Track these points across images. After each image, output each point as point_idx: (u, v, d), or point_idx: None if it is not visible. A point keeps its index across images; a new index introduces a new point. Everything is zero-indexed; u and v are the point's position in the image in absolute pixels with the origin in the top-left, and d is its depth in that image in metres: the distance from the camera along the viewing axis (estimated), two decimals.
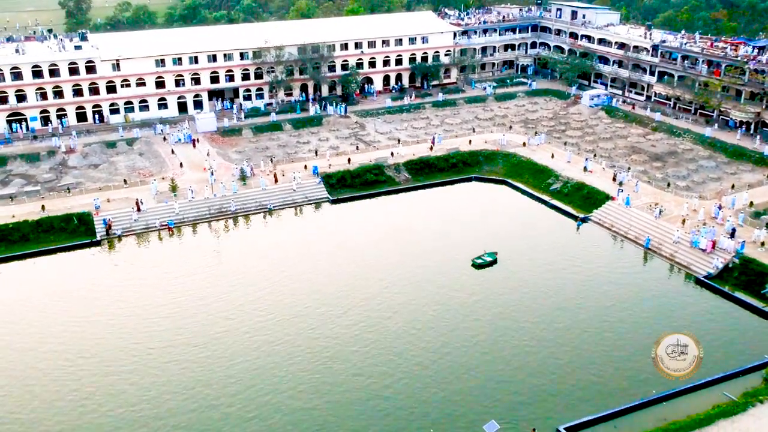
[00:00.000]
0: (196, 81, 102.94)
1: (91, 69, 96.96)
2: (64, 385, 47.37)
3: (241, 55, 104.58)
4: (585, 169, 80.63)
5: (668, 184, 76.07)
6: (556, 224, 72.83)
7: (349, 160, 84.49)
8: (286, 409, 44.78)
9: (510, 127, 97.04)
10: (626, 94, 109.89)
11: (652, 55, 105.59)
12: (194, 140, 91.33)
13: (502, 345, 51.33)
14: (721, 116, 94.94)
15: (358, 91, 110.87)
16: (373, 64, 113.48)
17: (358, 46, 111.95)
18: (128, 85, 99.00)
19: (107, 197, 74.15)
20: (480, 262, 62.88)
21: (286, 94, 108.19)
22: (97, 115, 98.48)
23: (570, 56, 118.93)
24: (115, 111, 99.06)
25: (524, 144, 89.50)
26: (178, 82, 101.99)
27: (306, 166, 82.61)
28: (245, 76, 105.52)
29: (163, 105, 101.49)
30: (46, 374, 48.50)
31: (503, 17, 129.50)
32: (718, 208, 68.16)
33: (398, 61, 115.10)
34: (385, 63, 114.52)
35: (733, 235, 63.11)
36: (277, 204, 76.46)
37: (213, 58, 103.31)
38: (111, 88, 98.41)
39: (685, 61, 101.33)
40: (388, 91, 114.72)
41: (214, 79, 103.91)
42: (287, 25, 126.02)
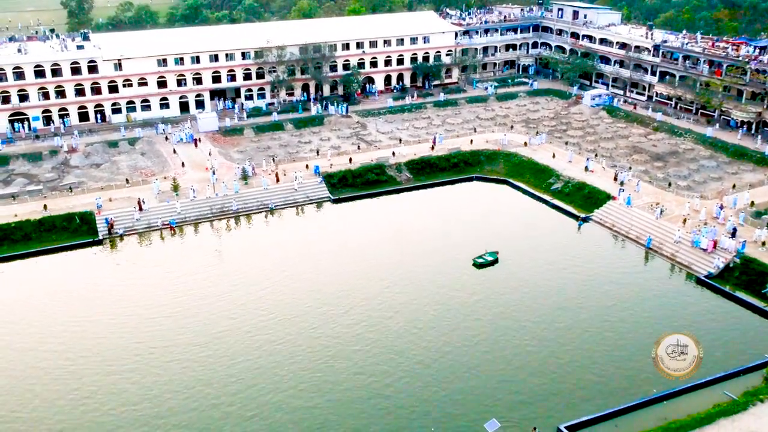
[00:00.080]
0: (198, 81, 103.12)
1: (93, 69, 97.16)
2: (66, 384, 47.52)
3: (243, 55, 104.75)
4: (586, 168, 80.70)
5: (669, 184, 76.14)
6: (557, 224, 72.92)
7: (351, 159, 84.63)
8: (288, 408, 44.90)
9: (511, 127, 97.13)
10: (627, 94, 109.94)
11: (654, 55, 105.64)
12: (196, 140, 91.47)
13: (503, 344, 51.44)
14: (722, 116, 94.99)
15: (359, 91, 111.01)
16: (374, 64, 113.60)
17: (359, 45, 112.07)
18: (130, 85, 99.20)
19: (109, 197, 74.34)
20: (481, 261, 62.98)
21: (288, 94, 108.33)
22: (99, 115, 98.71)
23: (571, 56, 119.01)
24: (117, 111, 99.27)
25: (525, 144, 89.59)
26: (180, 82, 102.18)
27: (307, 166, 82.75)
28: (247, 76, 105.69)
29: (165, 105, 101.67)
30: (48, 373, 48.64)
31: (504, 17, 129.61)
32: (720, 208, 68.22)
33: (400, 61, 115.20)
34: (387, 63, 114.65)
35: (734, 235, 63.18)
36: (278, 203, 76.62)
37: (215, 58, 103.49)
38: (113, 88, 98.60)
39: (687, 61, 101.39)
40: (390, 90, 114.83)
41: (216, 79, 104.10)
42: (289, 25, 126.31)
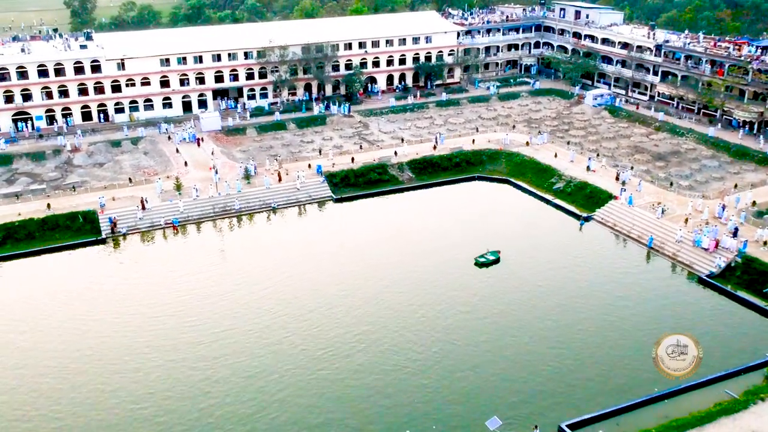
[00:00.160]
0: (201, 80, 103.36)
1: (96, 68, 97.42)
2: (69, 383, 47.71)
3: (246, 55, 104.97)
4: (588, 168, 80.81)
5: (671, 184, 76.25)
6: (559, 223, 73.06)
7: (353, 159, 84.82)
8: (290, 406, 45.08)
9: (513, 127, 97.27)
10: (629, 93, 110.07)
11: (656, 55, 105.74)
12: (199, 139, 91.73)
13: (505, 343, 51.60)
14: (724, 116, 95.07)
15: (361, 91, 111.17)
16: (376, 64, 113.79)
17: (361, 45, 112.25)
18: (133, 85, 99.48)
19: (112, 196, 74.60)
20: (483, 260, 63.13)
21: (290, 94, 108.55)
22: (102, 114, 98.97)
23: (573, 56, 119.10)
24: (120, 110, 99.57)
25: (527, 143, 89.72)
26: (183, 82, 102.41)
27: (310, 165, 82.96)
28: (249, 76, 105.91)
29: (167, 104, 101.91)
30: (51, 372, 48.82)
31: (507, 17, 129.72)
32: (722, 208, 68.31)
33: (402, 61, 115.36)
34: (389, 62, 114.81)
35: (735, 235, 63.27)
36: (281, 203, 76.83)
37: (217, 58, 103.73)
38: (116, 88, 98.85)
39: (689, 61, 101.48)
40: (392, 90, 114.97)
41: (219, 79, 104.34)
42: (291, 25, 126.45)
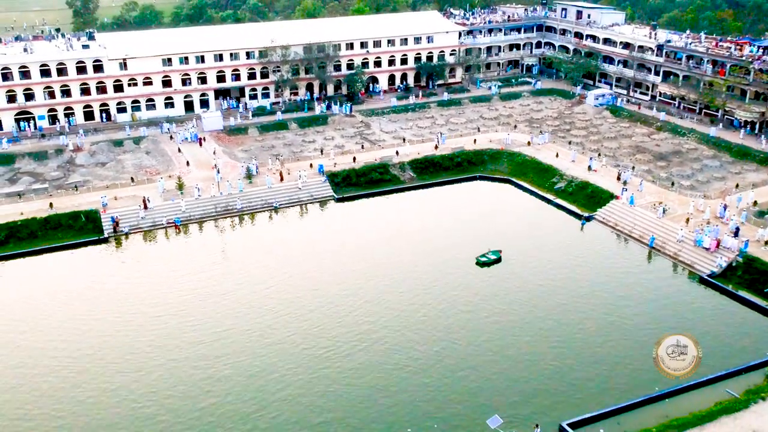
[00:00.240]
0: (203, 80, 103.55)
1: (98, 68, 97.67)
2: (71, 382, 47.83)
3: (248, 55, 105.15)
4: (589, 168, 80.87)
5: (672, 184, 76.30)
6: (561, 223, 73.12)
7: (355, 158, 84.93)
8: (292, 405, 45.19)
9: (515, 127, 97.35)
10: (631, 93, 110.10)
11: (657, 55, 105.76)
12: (201, 139, 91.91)
13: (506, 342, 51.69)
14: (725, 116, 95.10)
15: (363, 91, 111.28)
16: (378, 64, 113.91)
17: (363, 45, 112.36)
18: (135, 84, 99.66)
19: (114, 195, 74.76)
20: (484, 260, 63.22)
21: (292, 93, 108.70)
22: (104, 114, 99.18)
23: (575, 56, 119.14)
24: (122, 110, 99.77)
25: (529, 143, 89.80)
26: (185, 81, 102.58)
27: (311, 165, 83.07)
28: (251, 76, 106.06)
29: (169, 104, 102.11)
30: (53, 371, 48.96)
31: (508, 17, 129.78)
32: (724, 207, 68.32)
33: (403, 61, 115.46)
34: (391, 62, 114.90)
35: (736, 234, 63.31)
36: (282, 202, 76.96)
37: (219, 58, 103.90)
38: (118, 87, 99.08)
39: (690, 61, 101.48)
40: (394, 90, 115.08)
41: (221, 78, 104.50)
42: (293, 25, 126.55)
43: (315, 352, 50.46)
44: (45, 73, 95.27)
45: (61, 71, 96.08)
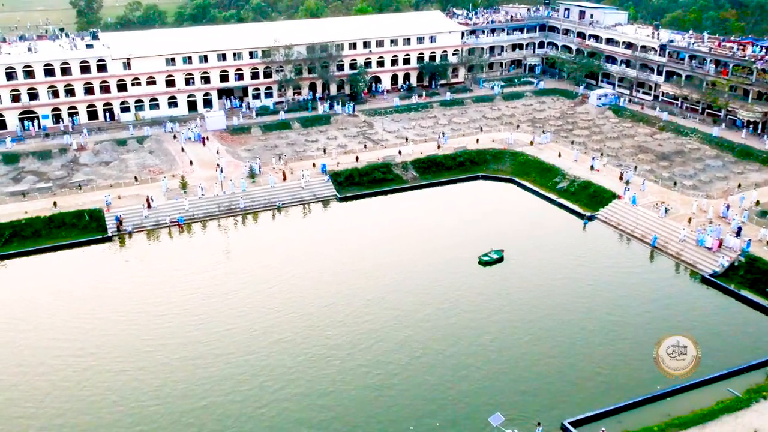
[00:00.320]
0: (206, 80, 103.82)
1: (102, 67, 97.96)
2: (74, 381, 48.01)
3: (251, 54, 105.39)
4: (592, 167, 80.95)
5: (675, 183, 76.35)
6: (563, 222, 73.22)
7: (357, 158, 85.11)
8: (295, 404, 45.38)
9: (517, 126, 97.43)
10: (634, 93, 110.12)
11: (660, 55, 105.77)
12: (204, 138, 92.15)
13: (508, 340, 51.83)
14: (728, 116, 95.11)
15: (366, 90, 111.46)
16: (381, 64, 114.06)
17: (366, 45, 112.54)
18: (139, 84, 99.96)
19: (118, 194, 75.04)
20: (486, 259, 63.37)
21: (295, 93, 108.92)
22: (108, 113, 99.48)
23: (578, 56, 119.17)
24: (125, 109, 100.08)
25: (531, 143, 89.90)
26: (188, 81, 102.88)
27: (314, 164, 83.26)
28: (254, 75, 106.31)
29: (173, 103, 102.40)
30: (57, 370, 49.14)
31: (511, 17, 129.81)
32: (727, 207, 68.35)
33: (406, 61, 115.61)
34: (394, 62, 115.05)
35: (739, 234, 63.37)
36: (285, 201, 77.18)
37: (222, 57, 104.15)
38: (122, 87, 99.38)
39: (693, 61, 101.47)
40: (396, 90, 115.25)
41: (224, 78, 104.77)
42: (296, 25, 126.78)
43: (317, 351, 50.64)
44: (49, 72, 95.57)
45: (65, 71, 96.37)
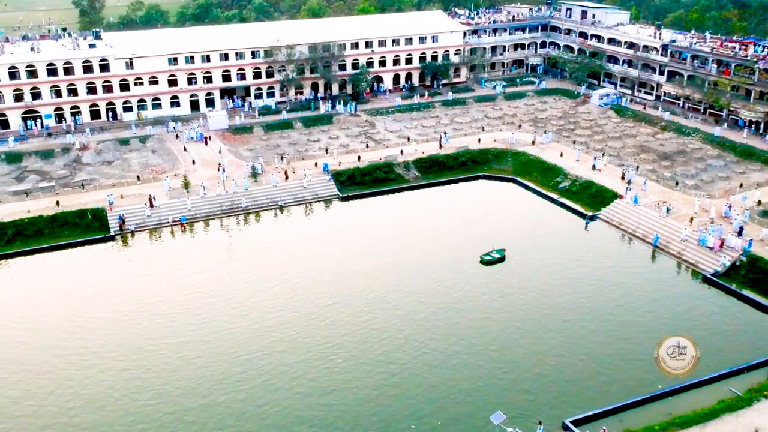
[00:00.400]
0: (208, 79, 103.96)
1: (104, 67, 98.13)
2: (76, 380, 48.16)
3: (253, 54, 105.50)
4: (594, 167, 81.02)
5: (676, 183, 76.39)
6: (565, 222, 73.29)
7: (359, 157, 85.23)
8: (297, 402, 45.53)
9: (519, 126, 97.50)
10: (635, 93, 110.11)
11: (662, 55, 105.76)
12: (206, 138, 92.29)
13: (510, 339, 51.95)
14: (730, 116, 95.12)
15: (368, 90, 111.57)
16: (383, 63, 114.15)
17: (368, 45, 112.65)
18: (141, 83, 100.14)
19: (121, 193, 75.23)
20: (488, 258, 63.47)
21: (297, 93, 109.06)
22: (110, 113, 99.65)
23: (579, 56, 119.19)
24: (128, 109, 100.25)
25: (533, 142, 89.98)
26: (191, 81, 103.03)
27: (316, 164, 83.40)
28: (257, 75, 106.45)
29: (175, 103, 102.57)
30: (58, 369, 49.27)
31: (513, 17, 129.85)
32: (729, 207, 68.37)
33: (408, 60, 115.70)
34: (396, 62, 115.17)
35: (740, 234, 63.42)
36: (287, 201, 77.32)
37: (225, 57, 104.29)
38: (124, 86, 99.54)
39: (695, 61, 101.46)
40: (398, 89, 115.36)
41: (226, 78, 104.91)
42: (298, 25, 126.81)
43: (319, 350, 50.76)
44: (52, 72, 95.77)
45: (68, 70, 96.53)
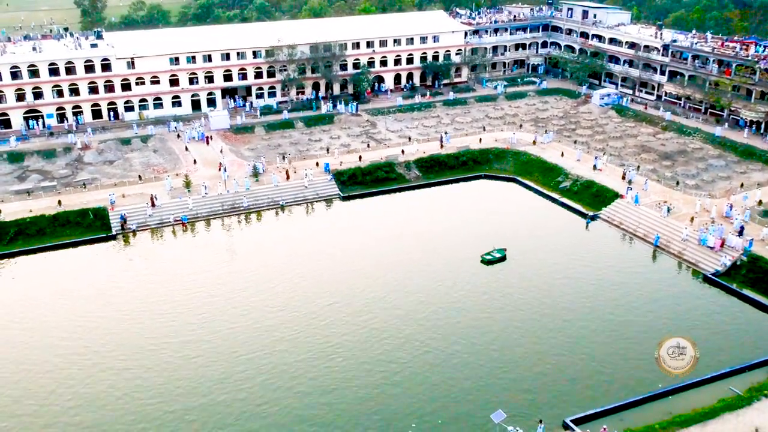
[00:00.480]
0: (210, 79, 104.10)
1: (106, 67, 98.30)
2: (78, 379, 48.24)
3: (254, 54, 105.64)
4: (594, 167, 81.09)
5: (677, 183, 76.45)
6: (566, 221, 73.36)
7: (360, 157, 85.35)
8: (299, 402, 45.60)
9: (520, 126, 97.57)
10: (636, 93, 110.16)
11: (663, 55, 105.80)
12: (207, 137, 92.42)
13: (511, 338, 52.03)
14: (731, 116, 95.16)
15: (369, 90, 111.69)
16: (384, 63, 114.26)
17: (369, 45, 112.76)
18: (143, 83, 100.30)
19: (122, 193, 75.36)
20: (489, 258, 63.56)
21: (299, 92, 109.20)
22: (112, 113, 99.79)
23: (581, 55, 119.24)
24: (129, 108, 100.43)
25: (534, 142, 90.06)
26: (192, 80, 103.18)
27: (318, 164, 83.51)
28: (258, 75, 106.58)
29: (177, 103, 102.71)
30: (60, 368, 49.35)
31: (514, 17, 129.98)
32: (730, 207, 68.40)
33: (409, 60, 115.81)
34: (397, 62, 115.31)
35: (741, 233, 63.48)
36: (288, 200, 77.43)
37: (226, 57, 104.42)
38: (126, 86, 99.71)
39: (696, 61, 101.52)
40: (400, 89, 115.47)
41: (228, 78, 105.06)
42: (299, 24, 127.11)
43: (320, 349, 50.84)
44: (54, 71, 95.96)
45: (70, 70, 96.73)
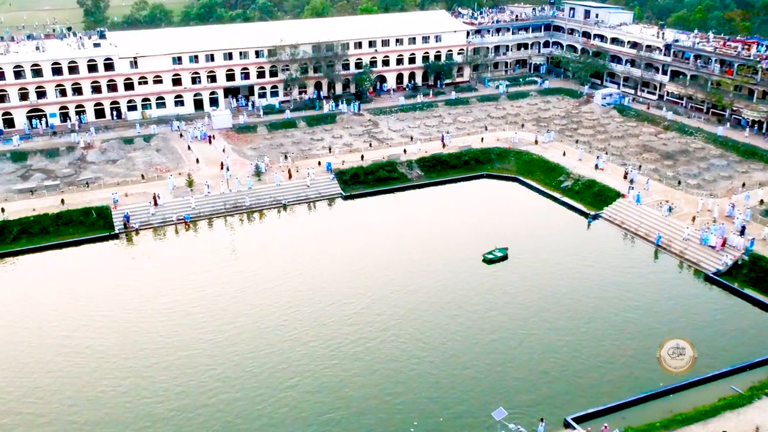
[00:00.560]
0: (212, 78, 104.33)
1: (109, 66, 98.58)
2: (81, 378, 48.42)
3: (257, 53, 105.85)
4: (596, 166, 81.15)
5: (679, 182, 76.50)
6: (567, 221, 73.46)
7: (362, 157, 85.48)
8: (301, 400, 45.77)
9: (522, 126, 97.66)
10: (638, 93, 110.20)
11: (665, 55, 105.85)
12: (210, 137, 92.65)
13: (512, 337, 52.14)
14: (733, 115, 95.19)
15: (371, 89, 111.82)
16: (386, 63, 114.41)
17: (371, 44, 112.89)
18: (145, 83, 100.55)
19: (125, 192, 75.58)
20: (491, 257, 63.68)
21: (301, 92, 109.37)
22: (115, 112, 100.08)
23: (583, 55, 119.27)
24: (132, 108, 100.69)
25: (536, 142, 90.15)
26: (195, 80, 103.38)
27: (320, 163, 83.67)
28: (260, 74, 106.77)
29: (179, 102, 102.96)
30: (62, 367, 49.54)
31: (516, 16, 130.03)
32: (732, 206, 68.45)
33: (411, 60, 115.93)
34: (399, 61, 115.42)
35: (742, 233, 63.55)
36: (291, 199, 77.61)
37: (229, 56, 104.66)
38: (129, 85, 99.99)
39: (698, 61, 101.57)
40: (402, 89, 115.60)
41: (230, 77, 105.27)
42: (302, 24, 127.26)
43: (322, 348, 51.00)
44: (57, 71, 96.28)
45: (73, 69, 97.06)
